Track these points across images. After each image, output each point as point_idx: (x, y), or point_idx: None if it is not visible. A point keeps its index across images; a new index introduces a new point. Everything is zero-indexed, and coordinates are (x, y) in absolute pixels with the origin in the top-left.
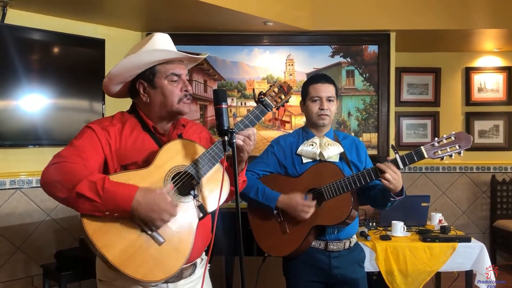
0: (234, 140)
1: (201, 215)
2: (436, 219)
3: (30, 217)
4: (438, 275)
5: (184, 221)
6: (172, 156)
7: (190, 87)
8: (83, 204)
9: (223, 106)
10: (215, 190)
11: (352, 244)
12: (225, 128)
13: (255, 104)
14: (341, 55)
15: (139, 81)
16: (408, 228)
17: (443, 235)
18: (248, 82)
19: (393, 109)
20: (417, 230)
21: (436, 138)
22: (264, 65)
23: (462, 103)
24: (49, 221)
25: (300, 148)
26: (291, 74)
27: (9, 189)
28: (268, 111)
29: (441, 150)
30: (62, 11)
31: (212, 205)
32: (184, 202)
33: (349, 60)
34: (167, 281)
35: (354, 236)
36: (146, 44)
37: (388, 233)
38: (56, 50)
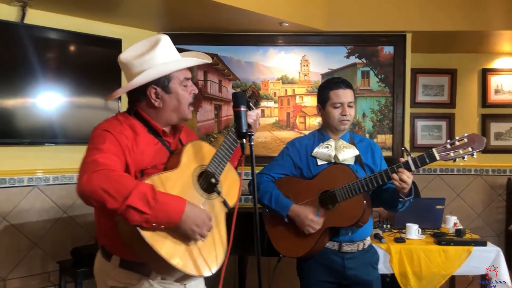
0: (252, 143)
1: (226, 210)
2: (451, 222)
3: (47, 213)
4: (452, 278)
5: (218, 215)
6: (193, 157)
7: (196, 88)
8: (133, 215)
9: (242, 109)
10: (232, 187)
11: (366, 246)
12: (244, 131)
13: (268, 104)
14: (356, 56)
15: (152, 87)
16: (422, 231)
17: (458, 239)
18: (263, 82)
19: (408, 110)
20: (431, 233)
21: (448, 140)
22: (279, 65)
23: (478, 105)
24: (66, 218)
25: (315, 150)
26: (306, 75)
27: (26, 186)
28: None
29: (453, 152)
30: (80, 11)
31: (231, 202)
32: (212, 199)
33: (364, 61)
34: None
35: (368, 238)
36: (154, 50)
37: (403, 235)
38: (73, 49)
